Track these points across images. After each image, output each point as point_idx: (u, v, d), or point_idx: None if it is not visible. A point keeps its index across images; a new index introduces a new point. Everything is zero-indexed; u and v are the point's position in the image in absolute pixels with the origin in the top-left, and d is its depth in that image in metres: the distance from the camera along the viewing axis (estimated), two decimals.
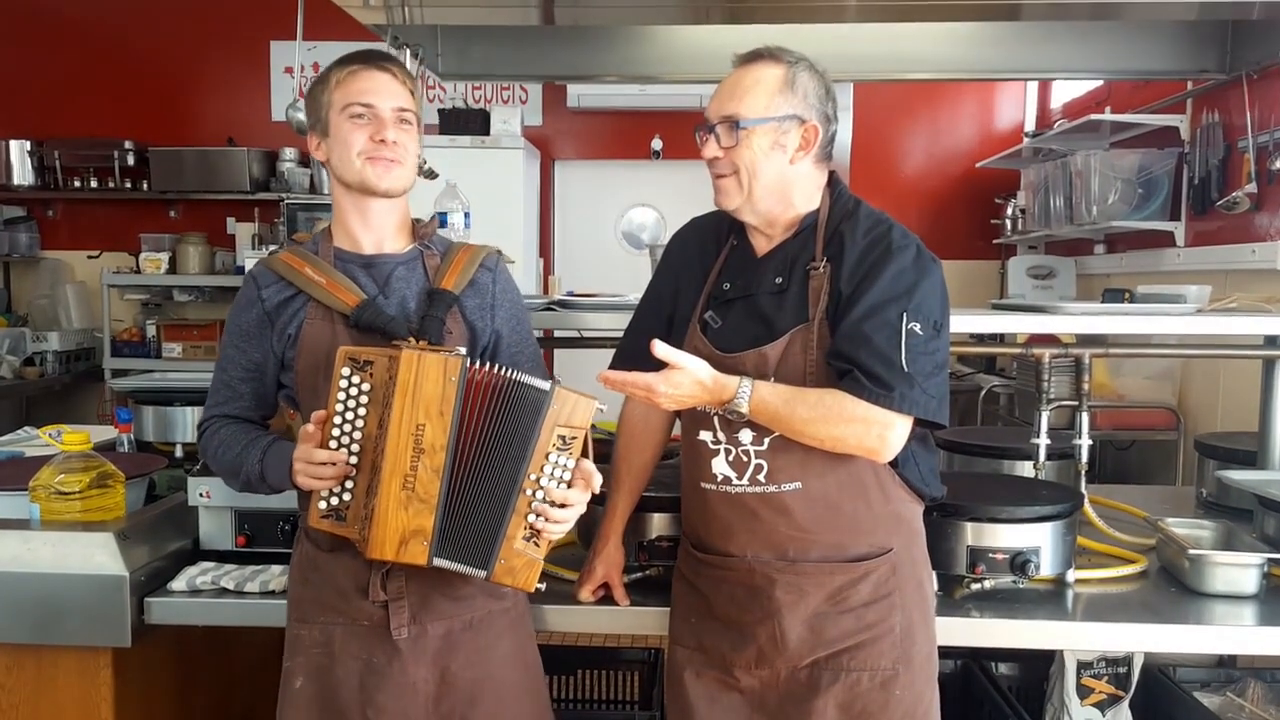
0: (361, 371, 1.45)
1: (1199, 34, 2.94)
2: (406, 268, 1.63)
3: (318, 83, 1.61)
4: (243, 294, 1.64)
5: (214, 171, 5.33)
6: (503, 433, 1.45)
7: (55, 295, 5.62)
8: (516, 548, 1.46)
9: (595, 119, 5.61)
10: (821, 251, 1.54)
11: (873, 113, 5.37)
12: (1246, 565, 1.83)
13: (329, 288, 1.57)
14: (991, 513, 1.80)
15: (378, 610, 1.55)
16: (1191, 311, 2.13)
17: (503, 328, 1.66)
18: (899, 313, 1.46)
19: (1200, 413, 3.68)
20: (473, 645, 1.59)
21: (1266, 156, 3.18)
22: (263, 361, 1.62)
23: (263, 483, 1.56)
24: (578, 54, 2.97)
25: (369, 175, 1.57)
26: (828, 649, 1.52)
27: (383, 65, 1.59)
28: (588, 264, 5.64)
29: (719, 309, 1.59)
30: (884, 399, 1.43)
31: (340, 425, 1.46)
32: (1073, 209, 4.10)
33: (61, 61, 5.63)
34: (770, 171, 1.53)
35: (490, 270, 1.67)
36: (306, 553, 1.62)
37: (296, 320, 1.58)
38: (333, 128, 1.58)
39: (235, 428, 1.62)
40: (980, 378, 4.54)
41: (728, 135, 1.52)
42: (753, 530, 1.54)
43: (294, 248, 1.66)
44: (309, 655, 1.58)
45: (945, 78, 3.54)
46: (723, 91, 1.55)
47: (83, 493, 1.86)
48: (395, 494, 1.42)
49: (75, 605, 1.76)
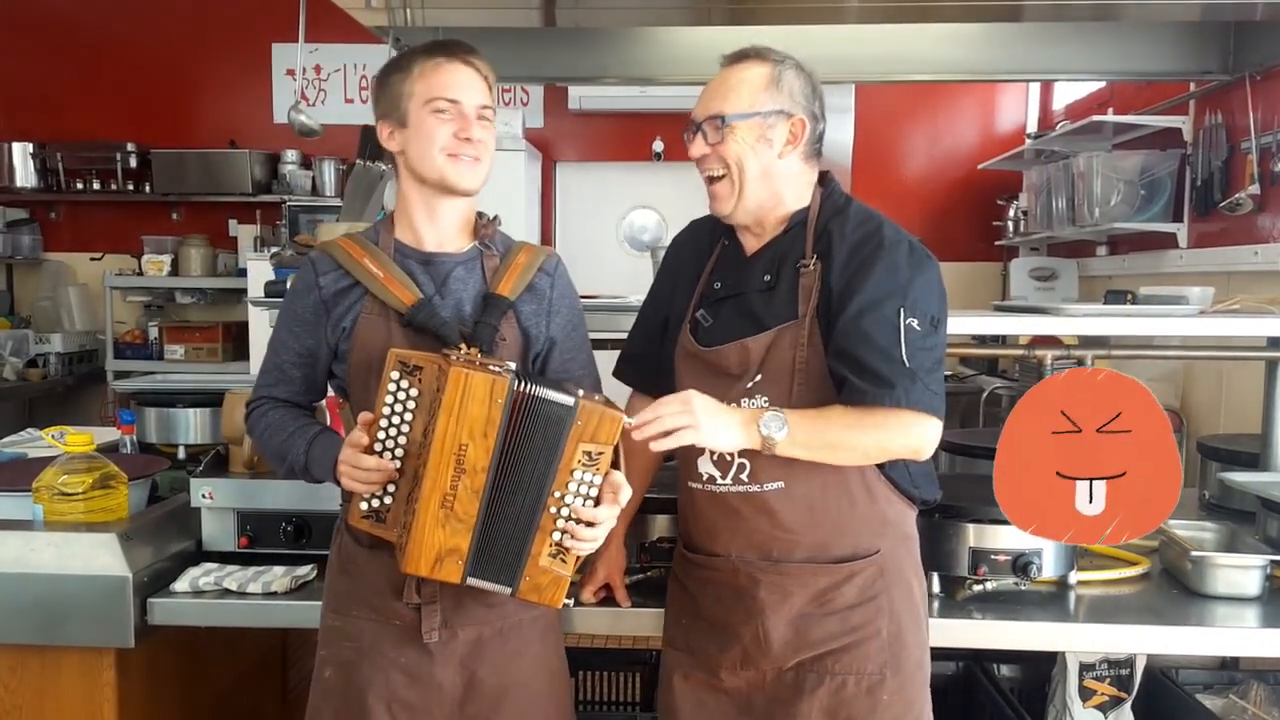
0: (410, 376, 1.44)
1: (1202, 35, 2.94)
2: (465, 268, 1.60)
3: (395, 70, 1.57)
4: (300, 278, 1.62)
5: (216, 174, 5.34)
6: (528, 449, 1.42)
7: (58, 297, 5.63)
8: (542, 565, 1.45)
9: (596, 121, 5.61)
10: (812, 249, 1.53)
11: (874, 114, 5.38)
12: (1249, 567, 1.83)
13: (386, 283, 1.55)
14: (993, 514, 1.79)
15: (410, 612, 1.55)
16: (1194, 313, 2.13)
17: (557, 334, 1.64)
18: (896, 309, 1.45)
19: (1203, 414, 3.67)
20: (501, 651, 1.59)
21: (1269, 158, 3.18)
22: (315, 349, 1.60)
23: (306, 473, 1.55)
24: (579, 56, 2.98)
25: (450, 172, 1.54)
26: (812, 650, 1.51)
27: (468, 59, 1.56)
28: (589, 266, 5.62)
29: (710, 308, 1.59)
30: (888, 396, 1.41)
31: (386, 429, 1.45)
32: (1075, 211, 4.10)
33: (64, 64, 5.64)
34: (757, 165, 1.53)
35: (549, 274, 1.64)
36: (346, 546, 1.61)
37: (352, 313, 1.56)
38: (413, 119, 1.54)
39: (284, 411, 1.61)
40: (982, 380, 4.53)
41: (714, 132, 1.52)
42: (736, 529, 1.54)
43: (354, 235, 1.64)
44: (340, 648, 1.58)
45: (947, 79, 3.54)
46: (709, 91, 1.56)
47: (86, 494, 1.86)
48: (434, 512, 1.40)
49: (78, 606, 1.76)
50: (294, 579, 1.87)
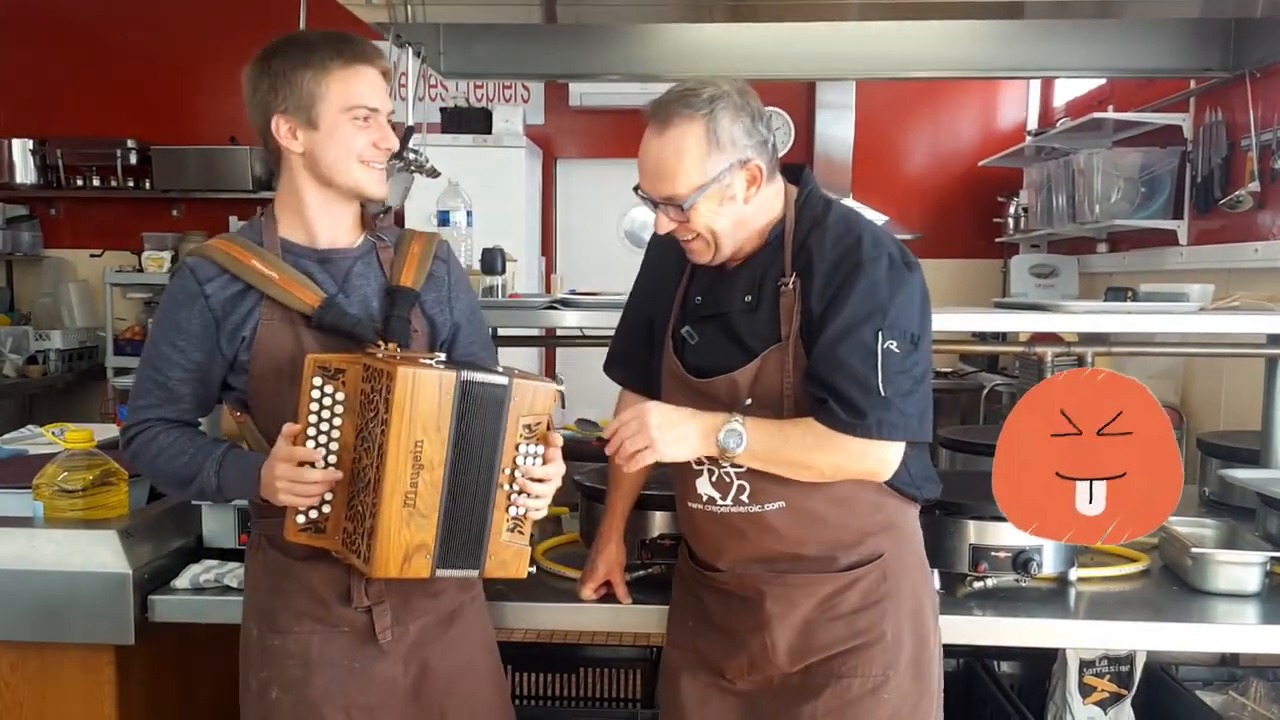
0: (333, 380, 1.41)
1: (1202, 32, 2.94)
2: (363, 263, 1.56)
3: (300, 64, 1.46)
4: (178, 287, 1.50)
5: (216, 170, 5.34)
6: (474, 435, 1.42)
7: (58, 294, 5.63)
8: (503, 541, 1.47)
9: (597, 117, 5.60)
10: (790, 265, 1.49)
11: (875, 111, 5.37)
12: (1249, 564, 1.83)
13: (284, 285, 1.47)
14: (994, 511, 1.79)
15: (360, 616, 1.51)
16: (1194, 310, 2.13)
17: (461, 319, 1.63)
18: (874, 332, 1.41)
19: (1202, 412, 3.68)
20: (448, 636, 1.58)
21: (1269, 155, 3.18)
22: (206, 362, 1.50)
23: (219, 494, 1.49)
24: (580, 52, 2.97)
25: (365, 181, 1.50)
26: (818, 655, 1.51)
27: (377, 62, 1.50)
28: (590, 262, 5.64)
29: (694, 325, 1.56)
30: (859, 428, 1.40)
31: (314, 437, 1.42)
32: (1075, 208, 4.10)
33: (64, 60, 5.63)
34: (726, 221, 1.48)
35: (444, 261, 1.63)
36: (274, 560, 1.54)
37: (251, 321, 1.48)
38: (326, 124, 1.47)
39: (177, 433, 1.51)
40: (982, 376, 4.54)
41: (676, 213, 1.47)
42: (740, 547, 1.54)
43: (231, 236, 1.55)
44: (285, 667, 1.52)
45: (948, 76, 3.55)
46: (649, 167, 1.47)
47: (86, 490, 1.86)
48: (397, 511, 1.38)
49: (79, 603, 1.76)
50: None
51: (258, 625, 1.56)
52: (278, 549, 1.53)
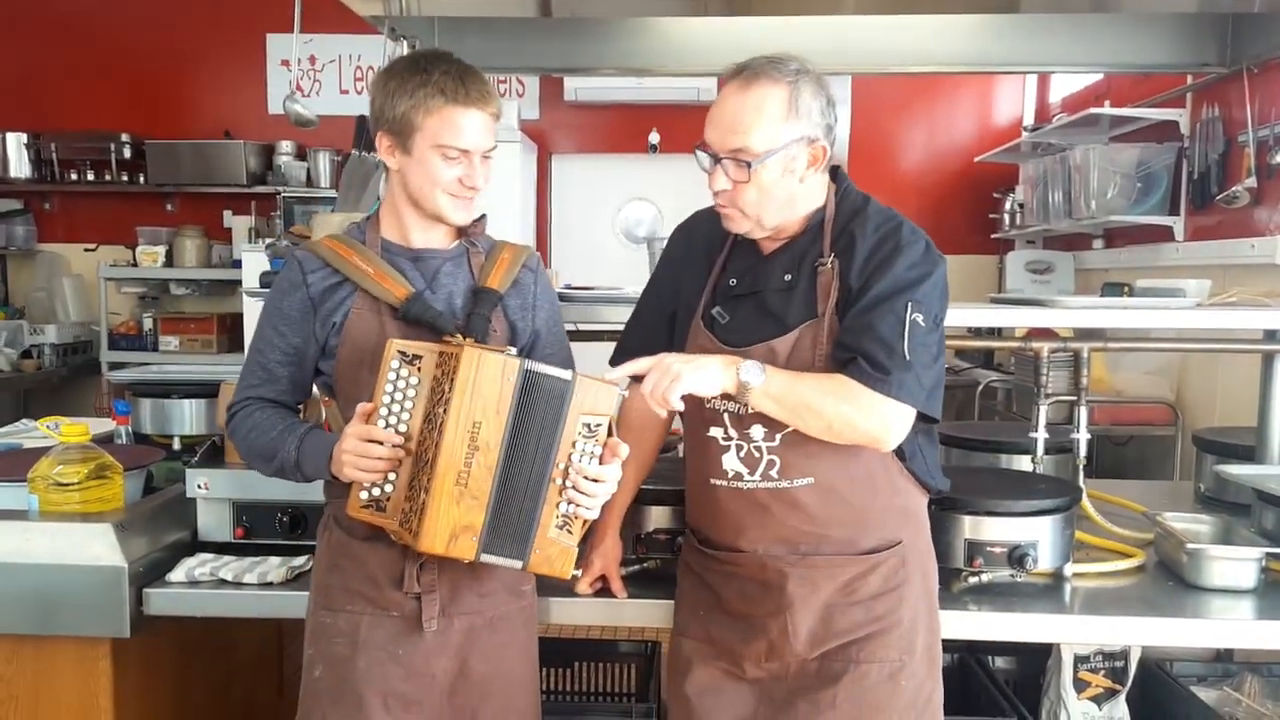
0: (410, 365, 1.47)
1: (1199, 27, 2.94)
2: (453, 264, 1.63)
3: (403, 91, 1.53)
4: (285, 277, 1.62)
5: (210, 165, 5.32)
6: (533, 424, 1.45)
7: (52, 288, 5.61)
8: (550, 536, 1.48)
9: (592, 112, 5.59)
10: (830, 248, 1.54)
11: (871, 106, 5.36)
12: (1244, 560, 1.84)
13: (377, 278, 1.57)
14: (989, 506, 1.80)
15: (409, 601, 1.56)
16: (1191, 306, 2.13)
17: (541, 327, 1.69)
18: (905, 302, 1.47)
19: (1198, 408, 3.68)
20: (491, 641, 1.61)
21: (1266, 151, 3.18)
22: (303, 346, 1.60)
23: (297, 470, 1.55)
24: (575, 46, 2.96)
25: (447, 210, 1.58)
26: (837, 640, 1.53)
27: (483, 105, 1.54)
28: (585, 258, 5.63)
29: (726, 305, 1.59)
30: (880, 383, 1.43)
31: (386, 418, 1.47)
32: (1071, 203, 4.10)
33: (59, 54, 5.60)
34: (780, 196, 1.51)
35: (532, 271, 1.69)
36: (337, 539, 1.61)
37: (343, 308, 1.57)
38: (418, 153, 1.54)
39: (270, 412, 1.61)
40: (978, 372, 4.53)
41: (738, 170, 1.48)
42: (764, 525, 1.54)
43: (338, 235, 1.65)
44: (331, 644, 1.58)
45: (944, 71, 3.53)
46: (725, 119, 1.49)
47: (81, 484, 1.86)
48: (449, 489, 1.42)
49: (74, 596, 1.76)
50: (290, 569, 1.87)
51: (314, 602, 1.63)
52: (343, 528, 1.60)
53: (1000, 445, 2.39)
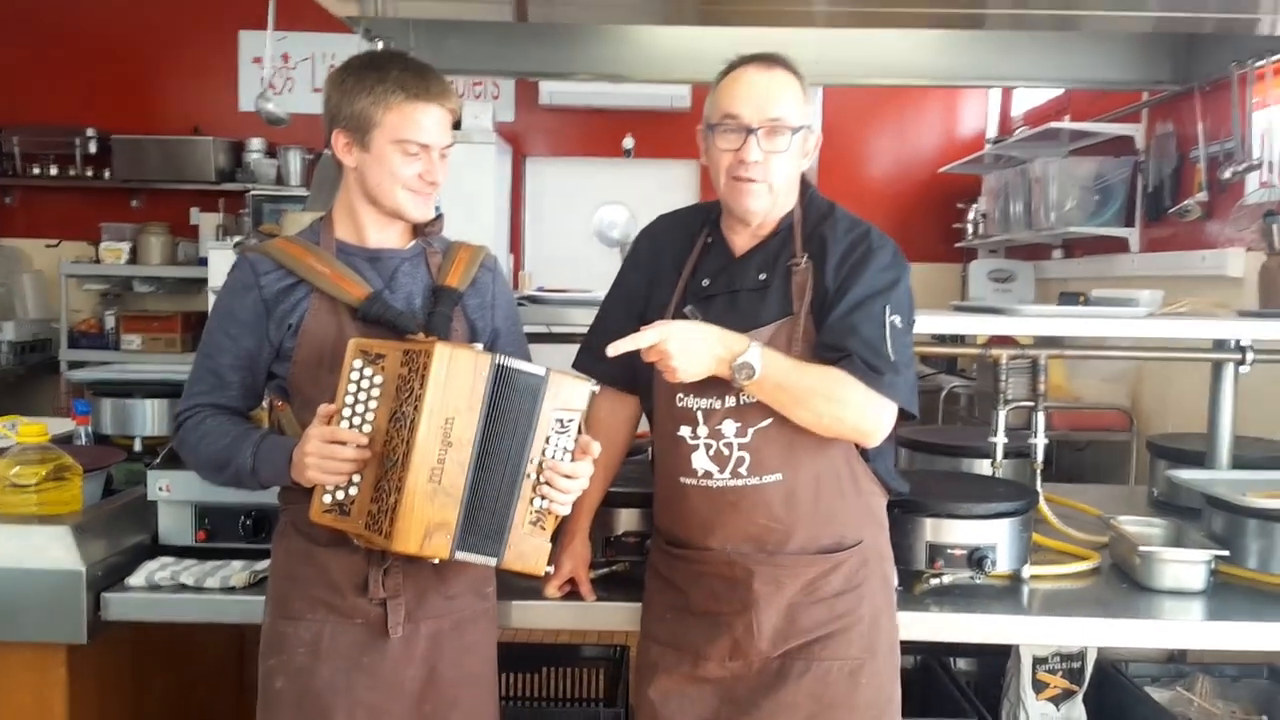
0: (373, 364, 1.46)
1: (1154, 46, 3.02)
2: (411, 264, 1.63)
3: (361, 89, 1.53)
4: (236, 279, 1.59)
5: (178, 161, 5.26)
6: (506, 419, 1.45)
7: (11, 285, 5.50)
8: (524, 532, 1.48)
9: (567, 116, 5.61)
10: (801, 249, 1.59)
11: (840, 116, 5.42)
12: (1194, 562, 1.88)
13: (335, 279, 1.55)
14: (950, 509, 1.84)
15: (374, 608, 1.53)
16: (1143, 315, 2.18)
17: (501, 326, 1.69)
18: (882, 305, 1.53)
19: (1153, 414, 3.77)
20: (458, 645, 1.59)
21: (1216, 166, 3.27)
22: (255, 350, 1.57)
23: (253, 477, 1.52)
24: (551, 51, 2.98)
25: (407, 206, 1.58)
26: (800, 639, 1.55)
27: (441, 100, 1.55)
28: (558, 260, 5.64)
29: (699, 305, 1.61)
30: (876, 381, 1.49)
31: (349, 418, 1.46)
32: (1032, 214, 4.19)
33: (23, 47, 5.52)
34: (793, 175, 1.61)
35: (490, 270, 1.70)
36: (297, 546, 1.57)
37: (299, 310, 1.55)
38: (376, 149, 1.54)
39: (222, 418, 1.57)
40: (941, 378, 4.61)
41: (772, 140, 1.54)
42: (732, 523, 1.56)
43: (291, 236, 1.64)
44: (292, 654, 1.54)
45: (911, 83, 3.60)
46: (757, 93, 1.55)
47: (39, 485, 1.83)
48: (422, 487, 1.40)
49: (30, 600, 1.72)
50: (253, 574, 1.85)
51: (272, 612, 1.58)
52: (303, 534, 1.56)
53: (961, 449, 2.43)
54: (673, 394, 1.58)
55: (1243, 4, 2.38)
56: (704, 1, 2.58)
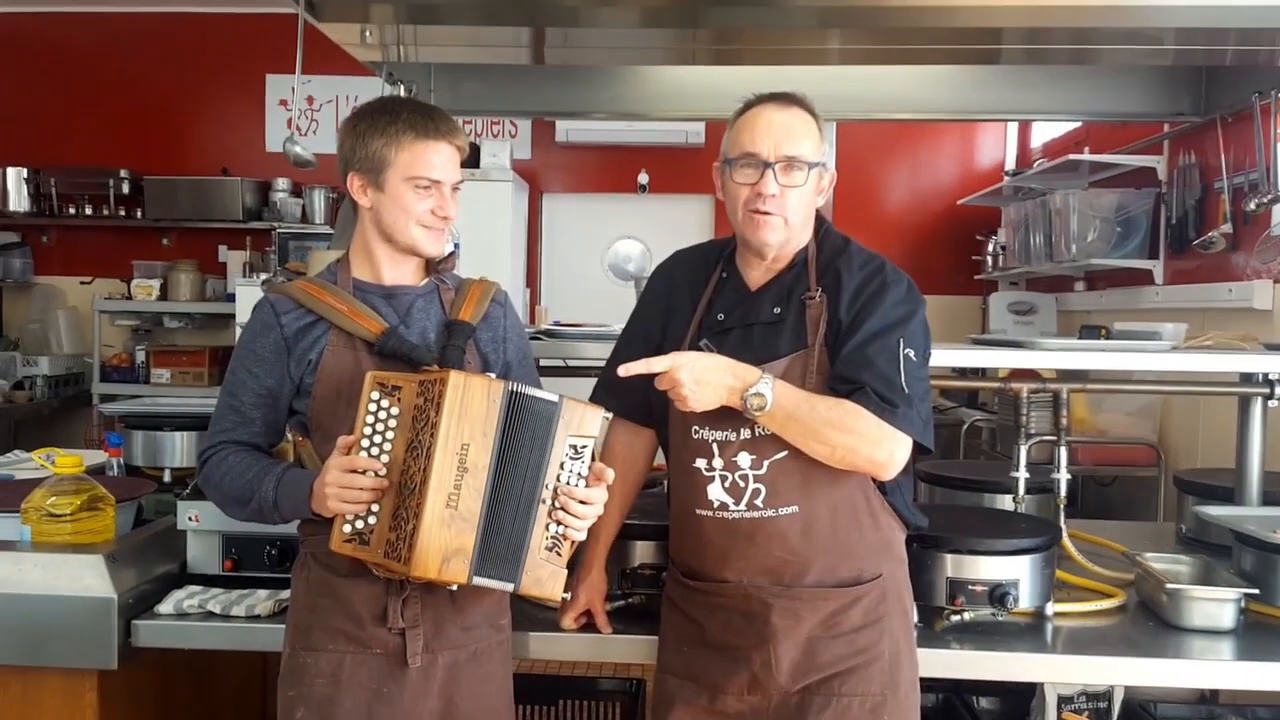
0: (390, 396, 1.49)
1: (1174, 78, 3.02)
2: (425, 300, 1.68)
3: (374, 131, 1.60)
4: (257, 319, 1.64)
5: (207, 200, 5.37)
6: (521, 446, 1.48)
7: (47, 320, 5.63)
8: (540, 558, 1.50)
9: (583, 153, 5.67)
10: (815, 283, 1.61)
11: (856, 151, 5.46)
12: (1223, 600, 1.85)
13: (352, 315, 1.60)
14: (970, 544, 1.83)
15: (393, 638, 1.55)
16: (1166, 348, 2.17)
17: (512, 359, 1.73)
18: (897, 338, 1.54)
19: (1181, 449, 3.72)
20: (475, 676, 1.61)
21: (1241, 197, 3.25)
22: (277, 387, 1.62)
23: (275, 510, 1.55)
24: (567, 91, 3.03)
25: (421, 241, 1.63)
26: (820, 674, 1.54)
27: (450, 138, 1.61)
28: (574, 295, 5.68)
29: (714, 338, 1.63)
30: (890, 415, 1.50)
31: (368, 449, 1.49)
32: (1052, 247, 4.17)
33: (60, 91, 5.68)
34: (808, 211, 1.63)
35: (501, 305, 1.74)
36: (317, 577, 1.60)
37: (318, 346, 1.60)
38: (391, 189, 1.60)
39: (245, 454, 1.61)
40: (963, 412, 4.57)
41: (789, 174, 1.57)
42: (748, 555, 1.57)
43: (310, 277, 1.69)
44: (313, 685, 1.56)
45: (926, 118, 3.61)
46: (776, 130, 1.58)
47: (74, 515, 1.87)
48: (439, 512, 1.43)
49: (63, 627, 1.76)
50: (277, 602, 1.87)
51: (292, 643, 1.61)
52: (323, 565, 1.59)
53: (983, 485, 2.42)
54: (688, 426, 1.59)
55: (1262, 37, 2.38)
56: (716, 42, 2.61)
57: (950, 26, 2.31)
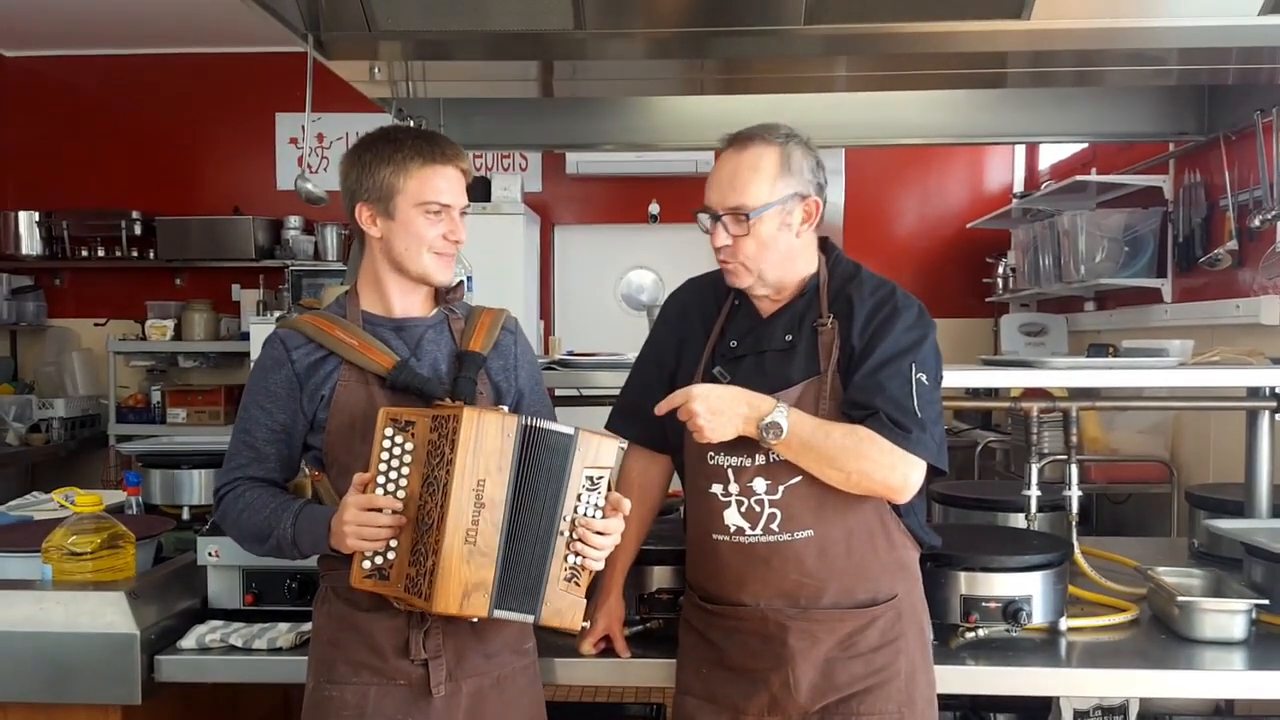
0: (404, 432, 1.50)
1: (1178, 98, 3.06)
2: (435, 331, 1.68)
3: (381, 160, 1.61)
4: (268, 355, 1.64)
5: (219, 240, 5.43)
6: (538, 479, 1.49)
7: (62, 363, 5.68)
8: (559, 589, 1.51)
9: (593, 185, 5.73)
10: (827, 309, 1.62)
11: (865, 176, 5.51)
12: (1234, 611, 1.86)
13: (363, 349, 1.60)
14: (984, 561, 1.84)
15: (416, 670, 1.56)
16: (1173, 365, 2.19)
17: (525, 386, 1.73)
18: (909, 363, 1.56)
19: (1192, 465, 3.71)
20: (499, 702, 1.62)
21: (1246, 215, 3.27)
22: (290, 423, 1.62)
23: (294, 547, 1.56)
24: (576, 124, 3.08)
25: (433, 268, 1.64)
26: (838, 694, 1.56)
27: (457, 162, 1.63)
28: (587, 325, 5.72)
29: (726, 365, 1.65)
30: (903, 439, 1.51)
31: (383, 485, 1.49)
32: (1062, 267, 4.19)
33: (71, 134, 5.77)
34: (780, 249, 1.61)
35: (511, 333, 1.75)
36: (339, 611, 1.60)
37: (330, 382, 1.60)
38: (401, 216, 1.61)
39: (261, 490, 1.61)
40: (977, 433, 4.57)
41: (736, 225, 1.59)
42: (765, 579, 1.58)
43: (319, 311, 1.70)
44: (339, 718, 1.57)
45: (935, 143, 3.66)
46: (722, 180, 1.60)
47: (94, 553, 1.89)
48: (458, 548, 1.44)
49: (87, 664, 1.78)
50: (299, 635, 1.89)
51: (315, 677, 1.61)
52: (344, 600, 1.60)
53: (997, 504, 2.43)
54: (704, 452, 1.61)
55: (1263, 55, 2.41)
56: (724, 71, 2.65)
57: (956, 52, 2.35)
